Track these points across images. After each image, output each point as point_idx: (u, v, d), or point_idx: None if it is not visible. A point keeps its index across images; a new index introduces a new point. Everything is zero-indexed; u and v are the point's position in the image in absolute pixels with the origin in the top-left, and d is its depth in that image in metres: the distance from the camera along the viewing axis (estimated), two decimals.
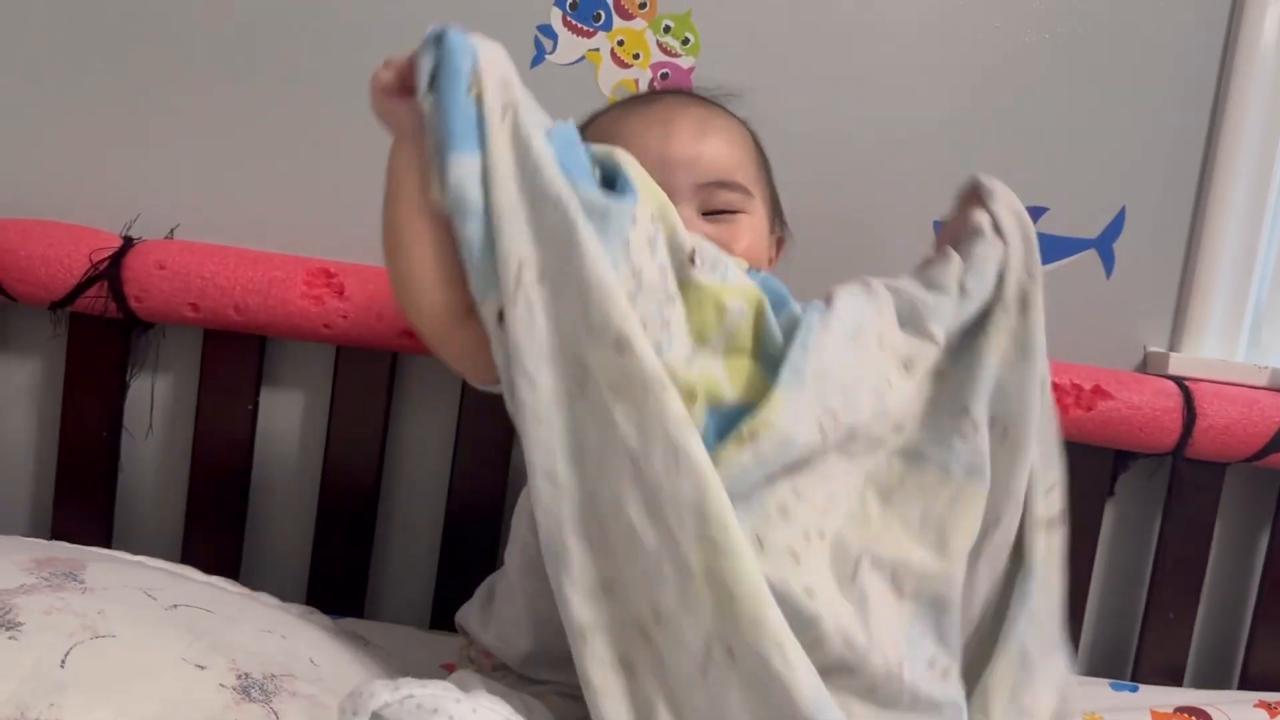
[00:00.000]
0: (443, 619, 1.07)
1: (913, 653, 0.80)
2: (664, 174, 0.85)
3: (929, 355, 0.86)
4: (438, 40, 0.74)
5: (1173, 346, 1.32)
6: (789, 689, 0.69)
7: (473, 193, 0.72)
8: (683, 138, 0.90)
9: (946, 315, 0.87)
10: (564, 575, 0.73)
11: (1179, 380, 1.26)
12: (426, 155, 0.74)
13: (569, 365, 0.73)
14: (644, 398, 0.71)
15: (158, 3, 1.19)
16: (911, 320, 0.86)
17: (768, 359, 0.78)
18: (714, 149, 0.91)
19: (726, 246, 0.86)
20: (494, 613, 0.94)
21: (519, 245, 0.72)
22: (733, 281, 0.80)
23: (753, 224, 0.92)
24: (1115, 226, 1.29)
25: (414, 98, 0.74)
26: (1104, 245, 1.29)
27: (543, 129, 0.75)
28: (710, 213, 0.90)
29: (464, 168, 0.72)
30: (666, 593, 0.72)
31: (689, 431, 0.71)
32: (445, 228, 0.75)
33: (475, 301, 0.75)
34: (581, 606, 0.73)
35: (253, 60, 1.20)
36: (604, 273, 0.72)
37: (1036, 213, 1.27)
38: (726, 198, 0.91)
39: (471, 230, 0.72)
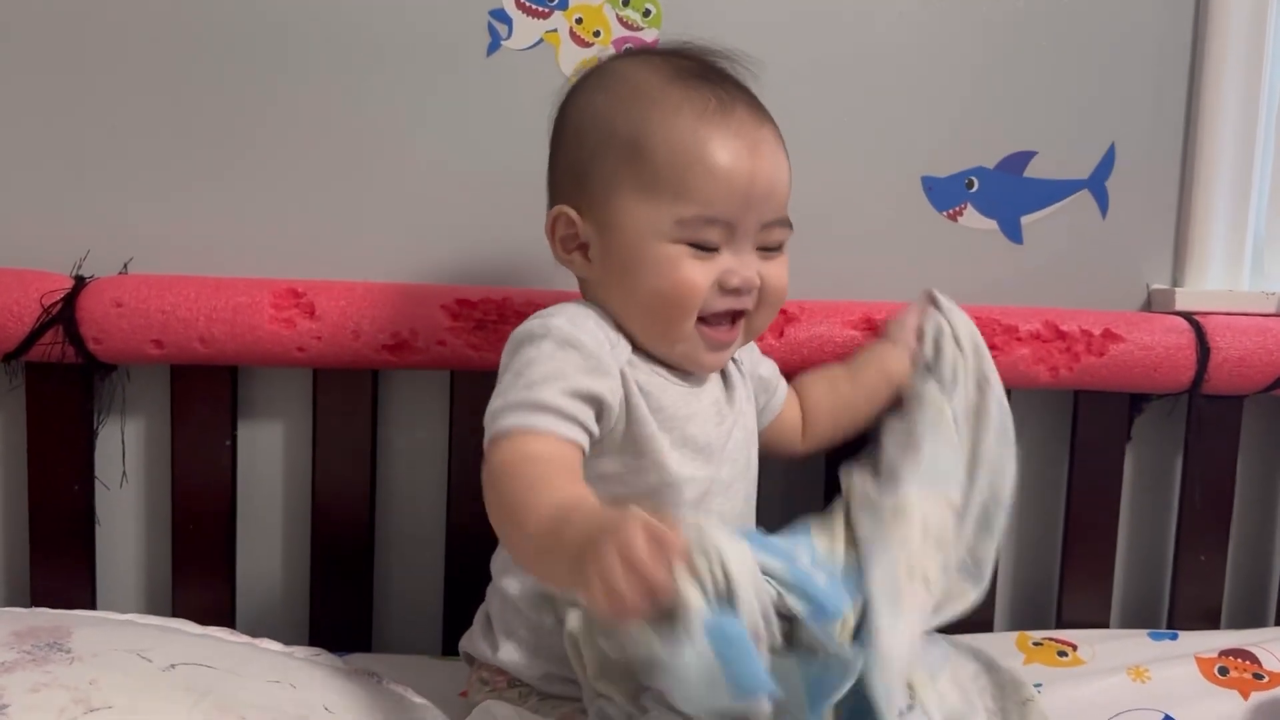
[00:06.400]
0: (455, 643, 1.02)
1: None
2: (742, 210, 0.84)
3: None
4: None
5: (1176, 282, 1.28)
6: None
7: None
8: (765, 170, 0.86)
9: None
10: None
11: (1188, 315, 1.22)
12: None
13: None
14: None
15: (92, 22, 1.13)
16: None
17: None
18: (783, 184, 0.88)
19: (777, 284, 0.89)
20: (499, 635, 0.92)
21: None
22: None
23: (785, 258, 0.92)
24: (1106, 164, 1.25)
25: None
26: (1096, 184, 1.25)
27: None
28: (762, 249, 0.88)
29: None
30: None
31: None
32: None
33: None
34: None
35: (196, 77, 1.14)
36: None
37: (1025, 157, 1.23)
38: (780, 236, 0.89)
39: None
